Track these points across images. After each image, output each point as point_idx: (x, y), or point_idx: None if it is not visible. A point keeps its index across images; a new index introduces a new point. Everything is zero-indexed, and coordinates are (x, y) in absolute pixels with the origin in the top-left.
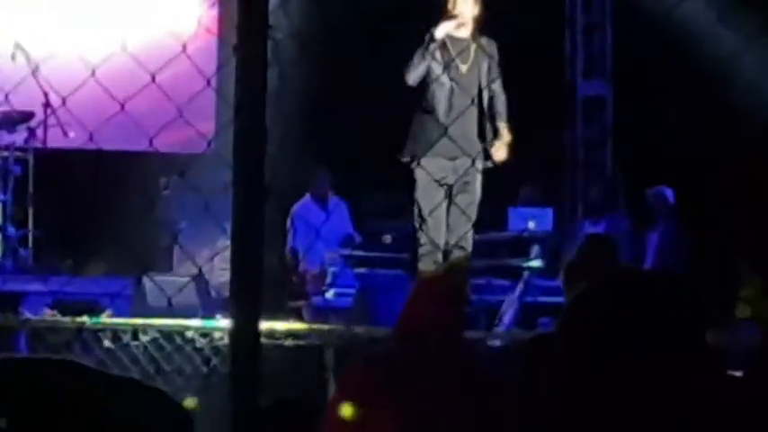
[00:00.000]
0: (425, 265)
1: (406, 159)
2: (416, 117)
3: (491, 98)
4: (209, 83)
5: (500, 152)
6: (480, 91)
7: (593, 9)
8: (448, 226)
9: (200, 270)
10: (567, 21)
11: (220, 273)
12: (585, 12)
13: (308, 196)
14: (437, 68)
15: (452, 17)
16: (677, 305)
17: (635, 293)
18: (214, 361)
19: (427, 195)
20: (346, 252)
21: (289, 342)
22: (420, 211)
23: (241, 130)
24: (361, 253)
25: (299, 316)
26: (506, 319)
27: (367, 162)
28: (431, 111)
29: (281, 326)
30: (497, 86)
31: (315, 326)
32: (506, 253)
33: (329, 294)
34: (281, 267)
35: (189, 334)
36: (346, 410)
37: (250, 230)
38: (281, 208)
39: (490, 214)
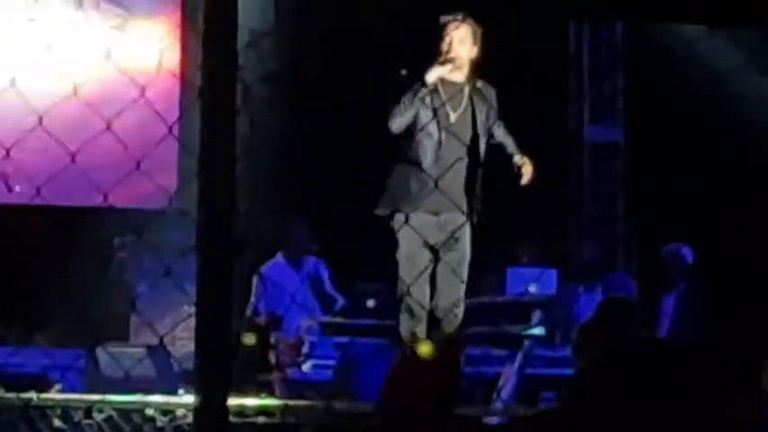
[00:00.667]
0: (409, 332)
1: (383, 214)
2: (398, 168)
3: (489, 142)
4: (170, 130)
5: (527, 171)
6: (473, 140)
7: (601, 49)
8: (436, 288)
9: (160, 340)
10: (572, 62)
11: (183, 342)
12: (593, 52)
13: (279, 256)
14: (425, 116)
15: (447, 60)
16: (699, 380)
17: (652, 367)
18: None
19: (411, 254)
20: (325, 319)
21: (261, 420)
22: (403, 270)
23: (207, 183)
24: (341, 320)
25: (271, 391)
26: (505, 393)
27: (346, 218)
28: (415, 162)
29: (251, 402)
30: (500, 131)
31: (290, 402)
32: (505, 319)
33: (306, 366)
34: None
35: (149, 411)
36: None
37: (216, 295)
38: (252, 270)
39: (487, 275)
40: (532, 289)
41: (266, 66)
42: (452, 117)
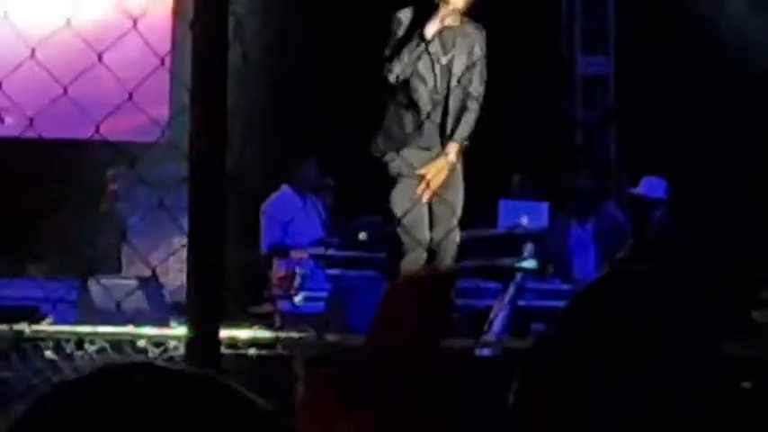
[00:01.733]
0: (409, 266)
1: (378, 153)
2: (391, 110)
3: (463, 96)
4: (162, 62)
5: (431, 170)
6: (462, 78)
7: None
8: (432, 223)
9: (152, 272)
10: None
11: (176, 275)
12: None
13: (284, 188)
14: (421, 63)
15: (443, 9)
16: (685, 305)
17: (635, 294)
18: None
19: (406, 189)
20: (317, 251)
21: (252, 352)
22: (398, 207)
23: (199, 115)
24: (333, 252)
25: (263, 322)
26: (496, 325)
27: (339, 152)
28: (409, 105)
29: (243, 334)
30: (476, 80)
31: (282, 334)
32: (496, 252)
33: (298, 299)
34: (243, 268)
35: (140, 343)
36: (313, 425)
37: (209, 228)
38: (243, 202)
39: (478, 208)
40: (524, 221)
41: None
42: (444, 60)
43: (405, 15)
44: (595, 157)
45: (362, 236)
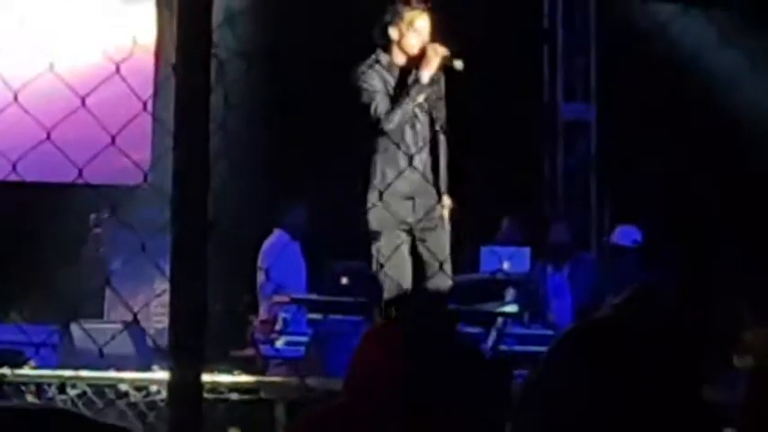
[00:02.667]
0: (391, 311)
1: (367, 202)
2: (376, 159)
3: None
4: (145, 107)
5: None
6: (432, 124)
7: (575, 27)
8: (424, 274)
9: (134, 316)
10: (547, 38)
11: (158, 319)
12: (567, 29)
13: (280, 232)
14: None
15: (431, 55)
16: (663, 357)
17: (611, 344)
18: (150, 417)
19: (390, 237)
20: (298, 296)
21: (234, 396)
22: (381, 255)
23: (181, 159)
24: (314, 297)
25: (245, 367)
26: None
27: (321, 196)
28: (389, 153)
29: (225, 378)
30: (443, 114)
31: (263, 378)
32: (478, 297)
33: (279, 343)
34: (226, 313)
35: (122, 387)
36: None
37: (191, 272)
38: (225, 246)
39: (461, 253)
40: (506, 267)
41: (241, 42)
42: (419, 99)
43: (373, 71)
44: (575, 202)
45: (344, 280)
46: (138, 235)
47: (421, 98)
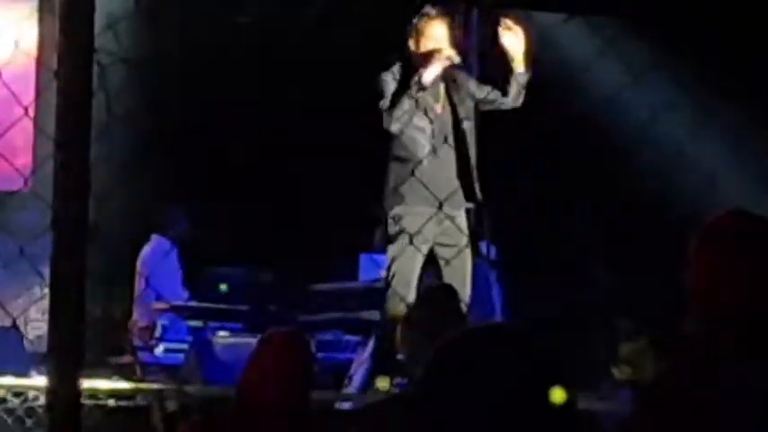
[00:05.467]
0: (394, 308)
1: (385, 211)
2: (393, 166)
3: (480, 99)
4: (26, 111)
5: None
6: (456, 126)
7: (456, 35)
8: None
9: (13, 321)
10: None
11: (37, 324)
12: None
13: (159, 238)
14: (415, 115)
15: (440, 56)
16: (523, 363)
17: (484, 350)
18: (28, 423)
19: (403, 247)
20: (177, 302)
21: (112, 403)
22: (393, 263)
23: (63, 165)
24: (194, 304)
25: (124, 373)
26: (357, 379)
27: (201, 202)
28: (408, 158)
29: (104, 384)
30: (482, 92)
31: (142, 385)
32: (357, 305)
33: (158, 350)
34: (106, 319)
35: (0, 393)
36: None
37: (71, 278)
38: (104, 251)
39: (340, 261)
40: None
41: (123, 47)
42: (438, 109)
43: (390, 74)
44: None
45: (224, 288)
46: (18, 240)
47: (420, 95)
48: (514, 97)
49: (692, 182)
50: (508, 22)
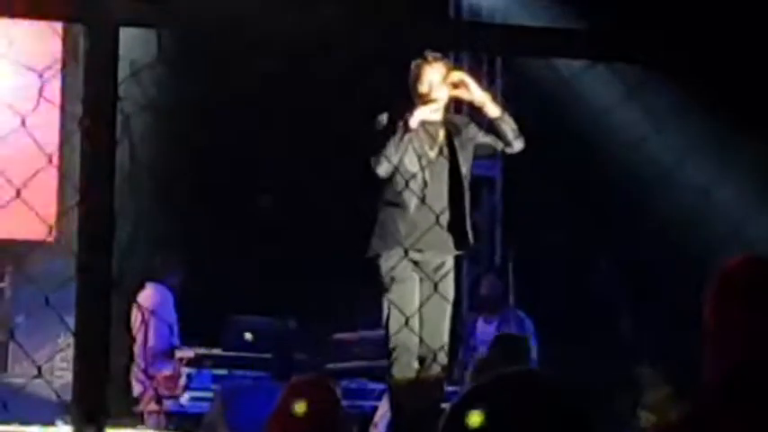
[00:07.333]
0: (401, 372)
1: (372, 255)
2: (384, 211)
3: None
4: (50, 160)
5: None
6: (453, 174)
7: (480, 82)
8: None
9: (39, 370)
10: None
11: (62, 373)
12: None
13: (161, 288)
14: (408, 158)
15: (430, 101)
16: (552, 416)
17: (511, 398)
18: None
19: (400, 293)
20: (202, 351)
21: None
22: (391, 311)
23: (87, 214)
24: (219, 352)
25: (149, 423)
26: (381, 427)
27: (225, 250)
28: (400, 204)
29: None
30: (482, 135)
31: None
32: (381, 353)
33: (184, 399)
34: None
35: None
36: None
37: (95, 326)
38: (129, 301)
39: (364, 310)
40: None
41: (148, 96)
42: (432, 155)
43: (385, 116)
44: (480, 257)
45: (248, 336)
46: (42, 289)
47: (406, 139)
48: (513, 139)
49: (719, 228)
50: (452, 77)
